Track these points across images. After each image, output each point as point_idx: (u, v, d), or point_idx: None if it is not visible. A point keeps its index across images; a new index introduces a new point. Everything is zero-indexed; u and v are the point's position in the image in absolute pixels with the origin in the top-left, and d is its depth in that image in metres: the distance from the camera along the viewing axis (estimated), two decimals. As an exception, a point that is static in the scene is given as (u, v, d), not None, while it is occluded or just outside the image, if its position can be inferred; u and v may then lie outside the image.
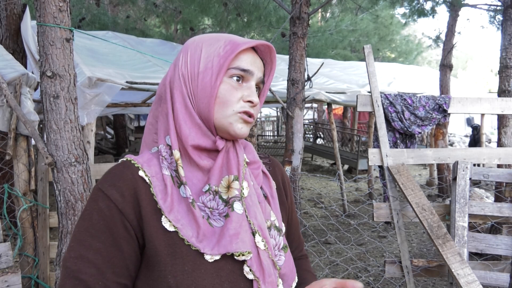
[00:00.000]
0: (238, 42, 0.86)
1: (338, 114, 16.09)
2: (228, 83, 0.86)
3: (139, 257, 0.83)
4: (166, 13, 10.39)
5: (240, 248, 0.81)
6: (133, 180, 0.83)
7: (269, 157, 1.09)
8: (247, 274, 0.82)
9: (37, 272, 2.89)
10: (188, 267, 0.79)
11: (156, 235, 0.80)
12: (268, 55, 0.93)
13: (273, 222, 0.92)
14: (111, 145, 12.75)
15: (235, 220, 0.82)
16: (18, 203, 2.78)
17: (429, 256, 4.75)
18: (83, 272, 0.78)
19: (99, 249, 0.79)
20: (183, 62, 0.88)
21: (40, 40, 2.12)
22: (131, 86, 4.12)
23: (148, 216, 0.81)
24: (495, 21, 7.01)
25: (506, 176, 3.00)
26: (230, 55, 0.84)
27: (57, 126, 2.14)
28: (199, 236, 0.81)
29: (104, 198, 0.81)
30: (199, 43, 0.89)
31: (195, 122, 0.86)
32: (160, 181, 0.84)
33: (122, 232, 0.80)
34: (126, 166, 0.86)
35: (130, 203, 0.81)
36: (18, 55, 3.88)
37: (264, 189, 0.96)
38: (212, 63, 0.85)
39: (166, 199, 0.82)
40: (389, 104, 3.32)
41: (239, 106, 0.86)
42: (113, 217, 0.80)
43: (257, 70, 0.89)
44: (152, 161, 0.87)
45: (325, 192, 8.03)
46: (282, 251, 0.91)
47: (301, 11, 3.68)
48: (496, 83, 4.55)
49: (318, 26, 12.56)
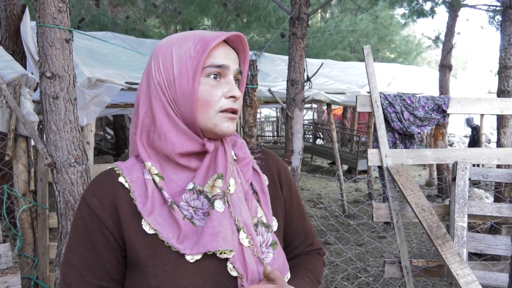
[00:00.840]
0: (208, 39, 0.84)
1: (337, 115, 16.08)
2: (206, 83, 0.84)
3: (121, 260, 0.86)
4: (166, 13, 10.39)
5: (220, 246, 0.81)
6: (112, 187, 0.86)
7: (262, 150, 1.07)
8: (231, 271, 0.83)
9: (37, 272, 2.88)
10: (169, 268, 0.81)
11: (136, 238, 0.83)
12: (240, 44, 0.91)
13: (260, 219, 0.91)
14: (111, 145, 12.74)
15: (215, 219, 0.82)
16: (17, 203, 2.78)
17: (428, 256, 4.76)
18: (69, 276, 0.84)
19: (81, 254, 0.84)
20: (156, 69, 0.86)
21: (39, 41, 2.12)
22: (130, 87, 4.12)
23: (128, 221, 0.84)
24: (495, 21, 7.02)
25: (505, 176, 3.00)
26: (203, 55, 0.83)
27: (57, 127, 2.14)
28: (179, 237, 0.82)
29: (86, 206, 0.85)
30: (168, 47, 0.87)
31: (180, 129, 0.85)
32: (141, 185, 0.86)
33: (101, 238, 0.84)
34: (107, 173, 0.89)
35: (108, 210, 0.84)
36: (18, 56, 3.88)
37: (254, 186, 0.95)
38: (186, 66, 0.84)
39: (146, 203, 0.83)
40: (389, 105, 3.32)
41: (221, 105, 0.85)
42: (93, 224, 0.84)
43: (232, 63, 0.87)
44: (135, 166, 0.89)
45: (324, 192, 8.03)
46: (271, 248, 0.90)
47: (300, 12, 3.68)
48: (495, 84, 4.55)
49: (317, 27, 12.56)
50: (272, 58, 8.70)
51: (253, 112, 3.06)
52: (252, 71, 2.97)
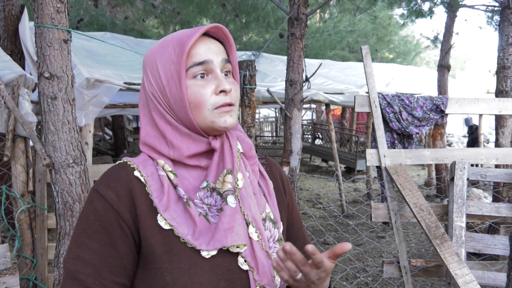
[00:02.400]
0: (184, 40, 0.83)
1: (336, 115, 16.08)
2: (193, 85, 0.84)
3: (136, 256, 0.84)
4: (165, 14, 10.38)
5: (235, 241, 0.81)
6: (128, 180, 0.84)
7: (266, 157, 1.09)
8: (242, 265, 0.83)
9: (35, 273, 2.88)
10: (184, 264, 0.80)
11: (151, 234, 0.81)
12: (221, 33, 0.89)
13: (268, 214, 0.92)
14: (110, 146, 12.73)
15: (228, 214, 0.83)
16: (16, 204, 2.78)
17: (427, 256, 4.76)
18: (81, 272, 0.79)
19: (95, 249, 0.80)
20: (147, 82, 0.88)
21: (37, 41, 2.12)
22: (129, 87, 4.12)
23: (144, 215, 0.82)
24: (493, 21, 7.03)
25: (503, 176, 3.00)
26: (182, 57, 0.82)
27: (55, 127, 2.14)
28: (195, 234, 0.81)
29: (100, 198, 0.82)
30: (151, 57, 0.88)
31: (184, 134, 0.86)
32: (156, 180, 0.85)
33: (118, 231, 0.81)
34: (122, 167, 0.87)
35: (125, 203, 0.82)
36: (16, 56, 3.87)
37: (261, 186, 0.96)
38: (171, 73, 0.84)
39: (162, 198, 0.83)
40: (387, 105, 3.32)
41: (213, 102, 0.84)
42: (109, 217, 0.81)
43: (215, 55, 0.86)
44: (148, 161, 0.88)
45: (323, 192, 8.04)
46: (277, 243, 0.91)
47: (299, 12, 3.68)
48: (494, 84, 4.56)
49: (316, 27, 12.56)
50: (271, 59, 8.70)
51: (251, 113, 3.06)
52: (251, 71, 2.97)
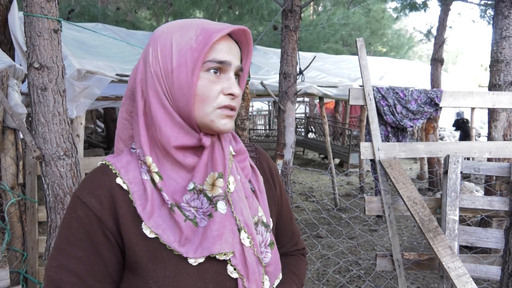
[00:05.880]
0: (211, 31, 0.79)
1: (329, 108, 16.09)
2: (205, 78, 0.80)
3: (122, 261, 0.82)
4: (157, 5, 10.28)
5: (223, 249, 0.79)
6: (111, 187, 0.81)
7: (256, 149, 1.05)
8: (231, 274, 0.81)
9: (26, 267, 2.85)
10: (170, 272, 0.78)
11: (135, 242, 0.79)
12: (244, 38, 0.87)
13: (260, 218, 0.90)
14: (102, 138, 12.63)
15: (218, 221, 0.80)
16: (6, 197, 2.74)
17: (420, 249, 4.79)
18: (65, 281, 0.77)
19: (79, 257, 0.78)
20: (153, 57, 0.82)
21: (27, 31, 2.07)
22: (121, 79, 4.07)
23: (127, 224, 0.80)
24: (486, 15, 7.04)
25: (496, 169, 3.02)
26: (204, 48, 0.78)
27: (45, 119, 2.10)
28: (181, 240, 0.79)
29: (83, 206, 0.80)
30: (168, 34, 0.82)
31: (176, 122, 0.81)
32: (139, 186, 0.82)
33: (102, 239, 0.79)
34: (104, 172, 0.84)
35: (108, 210, 0.80)
36: (6, 47, 3.81)
37: (252, 183, 0.93)
38: (186, 58, 0.79)
39: (146, 205, 0.79)
40: (381, 98, 3.32)
41: (219, 101, 0.81)
42: (92, 225, 0.79)
43: (235, 59, 0.83)
44: (131, 164, 0.84)
45: (316, 186, 8.05)
46: (269, 247, 0.90)
47: (293, 4, 3.65)
48: (485, 78, 4.57)
49: (310, 20, 12.53)
50: (265, 51, 8.66)
51: (245, 105, 3.03)
52: (245, 64, 2.94)
